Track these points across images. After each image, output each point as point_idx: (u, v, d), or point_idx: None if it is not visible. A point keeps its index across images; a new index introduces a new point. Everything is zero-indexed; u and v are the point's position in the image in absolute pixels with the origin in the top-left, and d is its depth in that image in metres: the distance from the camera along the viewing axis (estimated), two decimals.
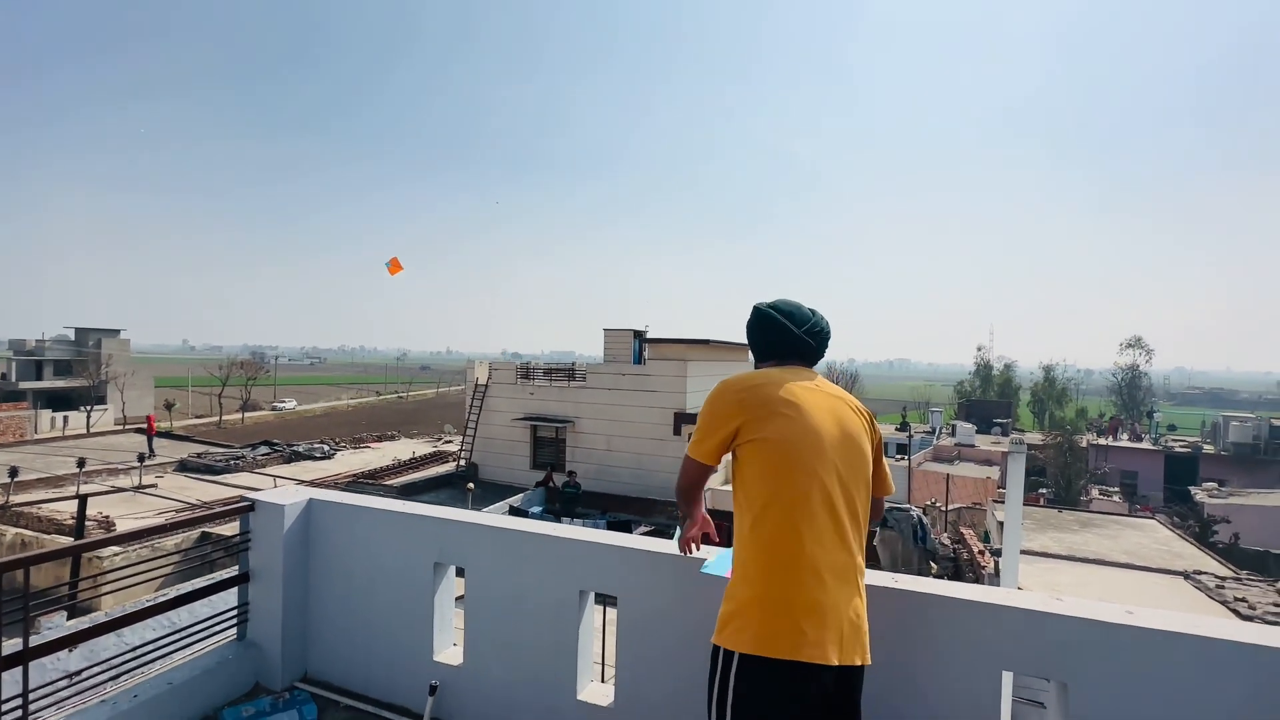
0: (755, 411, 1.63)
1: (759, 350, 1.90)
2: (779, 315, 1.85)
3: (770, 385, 1.67)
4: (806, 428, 1.60)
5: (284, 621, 2.86)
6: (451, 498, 16.91)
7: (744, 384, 1.70)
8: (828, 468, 1.58)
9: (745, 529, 1.60)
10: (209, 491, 16.56)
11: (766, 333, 1.85)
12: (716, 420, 1.69)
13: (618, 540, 2.43)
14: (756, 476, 1.59)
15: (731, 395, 1.68)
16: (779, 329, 1.83)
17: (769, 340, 1.85)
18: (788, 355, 1.83)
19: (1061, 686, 1.75)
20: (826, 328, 1.86)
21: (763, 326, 1.86)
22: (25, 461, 18.95)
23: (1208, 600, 9.52)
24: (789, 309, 1.87)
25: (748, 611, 1.51)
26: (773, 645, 1.45)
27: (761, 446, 1.59)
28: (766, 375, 1.72)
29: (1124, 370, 54.31)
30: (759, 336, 1.88)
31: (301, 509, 2.94)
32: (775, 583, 1.50)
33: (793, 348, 1.82)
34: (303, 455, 23.03)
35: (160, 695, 2.53)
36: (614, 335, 19.35)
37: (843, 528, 1.56)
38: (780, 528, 1.53)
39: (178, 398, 50.14)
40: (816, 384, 1.74)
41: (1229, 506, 22.63)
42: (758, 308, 1.90)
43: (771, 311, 1.86)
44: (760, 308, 1.89)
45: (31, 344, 44.81)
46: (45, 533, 12.65)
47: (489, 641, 2.59)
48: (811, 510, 1.54)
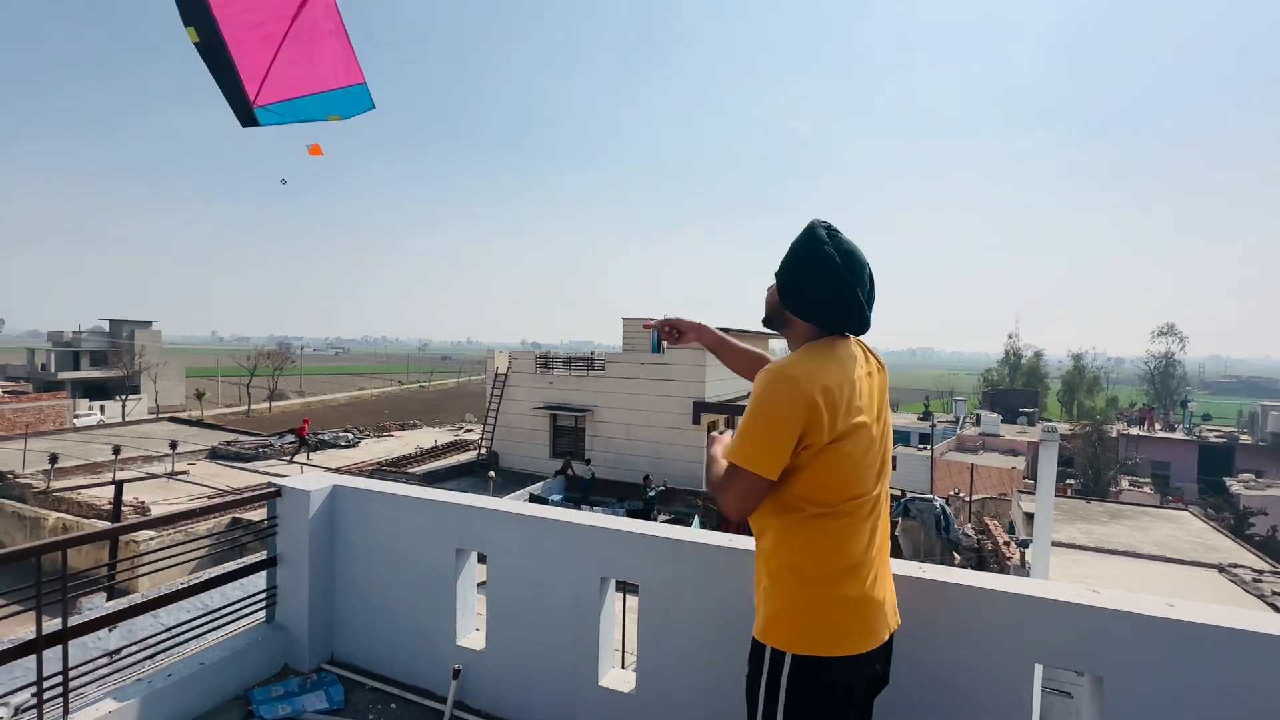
0: (832, 417, 1.34)
1: (808, 308, 1.44)
2: (842, 266, 1.39)
3: (846, 382, 1.37)
4: (874, 434, 1.42)
5: (311, 604, 2.91)
6: (473, 485, 17.13)
7: (819, 378, 1.35)
8: (885, 470, 1.47)
9: (793, 525, 1.41)
10: (239, 478, 17.00)
11: (824, 286, 1.40)
12: (786, 423, 1.33)
13: (638, 528, 2.42)
14: (818, 484, 1.37)
15: (806, 393, 1.33)
16: (843, 289, 1.39)
17: (825, 298, 1.41)
18: (844, 323, 1.45)
19: (1096, 680, 1.70)
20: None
21: (822, 276, 1.40)
22: (65, 449, 19.61)
23: (1243, 594, 9.26)
24: (858, 258, 1.41)
25: (805, 612, 1.40)
26: (833, 644, 1.38)
27: (834, 458, 1.36)
28: (838, 364, 1.39)
29: (1157, 359, 52.88)
30: (814, 290, 1.42)
31: (327, 495, 2.98)
32: (836, 585, 1.39)
33: (855, 316, 1.42)
34: (328, 444, 23.50)
35: (193, 675, 2.59)
36: (633, 324, 19.33)
37: (886, 519, 1.51)
38: (841, 535, 1.39)
39: (207, 387, 51.41)
40: (868, 366, 1.48)
41: (1267, 498, 21.97)
42: (817, 241, 1.41)
43: (834, 256, 1.39)
44: (822, 245, 1.40)
45: (69, 335, 46.26)
46: (85, 517, 13.12)
47: (511, 627, 2.60)
48: (875, 513, 1.44)
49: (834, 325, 1.45)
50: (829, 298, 1.41)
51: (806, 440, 1.34)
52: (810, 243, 1.43)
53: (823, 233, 1.43)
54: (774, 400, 1.35)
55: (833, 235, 1.43)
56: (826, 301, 1.42)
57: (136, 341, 46.03)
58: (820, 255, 1.40)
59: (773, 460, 1.35)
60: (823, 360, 1.39)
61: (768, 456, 1.35)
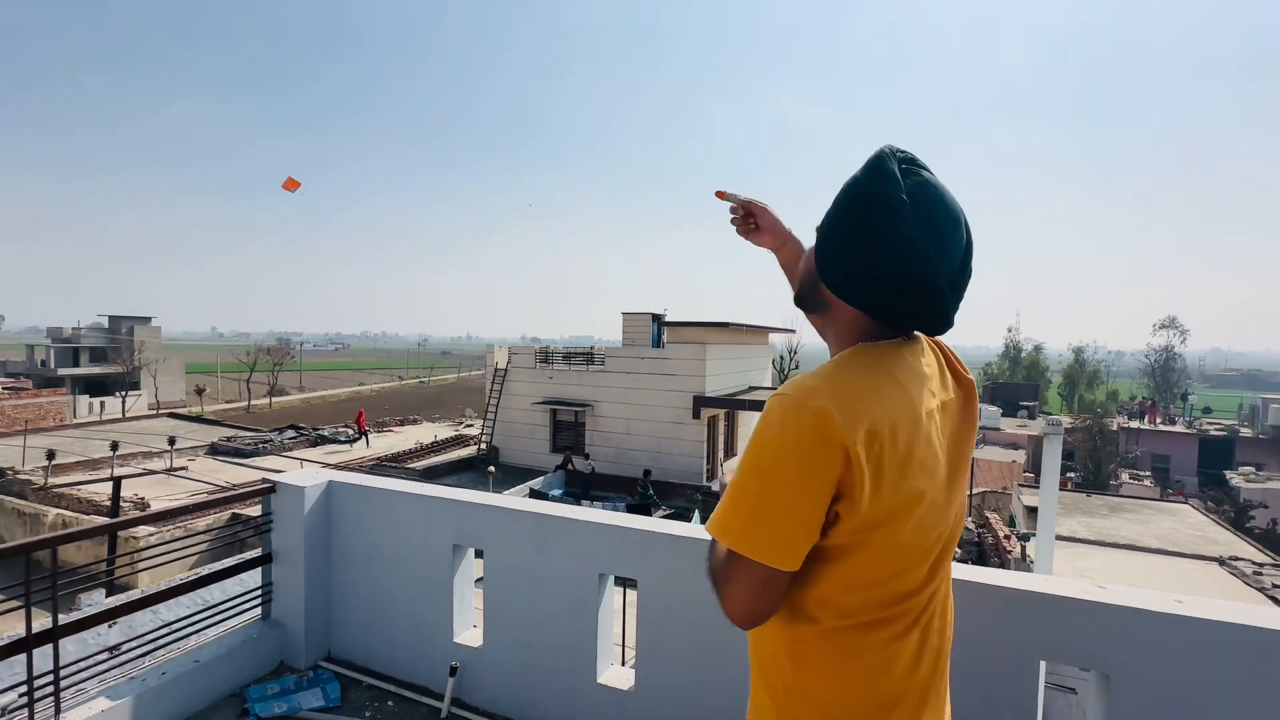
0: (877, 479, 0.83)
1: (858, 287, 0.92)
2: (918, 223, 0.86)
3: (906, 421, 0.87)
4: (939, 503, 0.93)
5: (307, 601, 2.89)
6: (473, 480, 17.14)
7: (863, 412, 0.83)
8: (947, 554, 0.98)
9: (804, 642, 0.93)
10: (238, 474, 17.00)
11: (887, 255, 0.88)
12: (806, 485, 0.83)
13: (637, 523, 2.39)
14: (846, 584, 0.90)
15: (839, 439, 0.81)
16: (915, 262, 0.87)
17: (886, 275, 0.89)
18: (912, 317, 0.93)
19: (1103, 677, 1.67)
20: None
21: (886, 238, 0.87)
22: (64, 445, 19.62)
23: (1244, 587, 9.27)
24: (947, 210, 0.89)
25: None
26: None
27: (875, 546, 0.87)
28: (897, 388, 0.89)
29: (1157, 352, 52.86)
30: (871, 260, 0.89)
31: (322, 491, 2.95)
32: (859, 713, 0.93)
33: (931, 307, 0.90)
34: (328, 439, 23.52)
35: (188, 672, 2.57)
36: (632, 319, 19.29)
37: (944, 623, 1.01)
38: (876, 657, 0.92)
39: (207, 383, 51.44)
40: (943, 389, 0.98)
41: (1267, 491, 21.99)
42: (884, 181, 0.88)
43: (908, 207, 0.86)
44: (890, 188, 0.87)
45: (68, 332, 46.23)
46: (84, 513, 13.12)
47: (509, 624, 2.58)
48: (925, 618, 0.95)
49: (897, 319, 0.93)
50: (893, 275, 0.88)
51: (835, 512, 0.85)
52: (872, 182, 0.89)
53: (893, 167, 0.89)
54: (789, 445, 0.83)
55: (910, 174, 0.89)
56: (888, 280, 0.89)
57: (136, 337, 45.99)
58: (886, 205, 0.87)
59: (787, 543, 0.84)
60: (873, 380, 0.88)
61: (779, 537, 0.83)
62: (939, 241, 0.87)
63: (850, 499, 0.83)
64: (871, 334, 0.96)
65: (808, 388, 0.86)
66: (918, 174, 0.90)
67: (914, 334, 0.99)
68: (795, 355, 45.27)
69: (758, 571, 0.85)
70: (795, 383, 0.88)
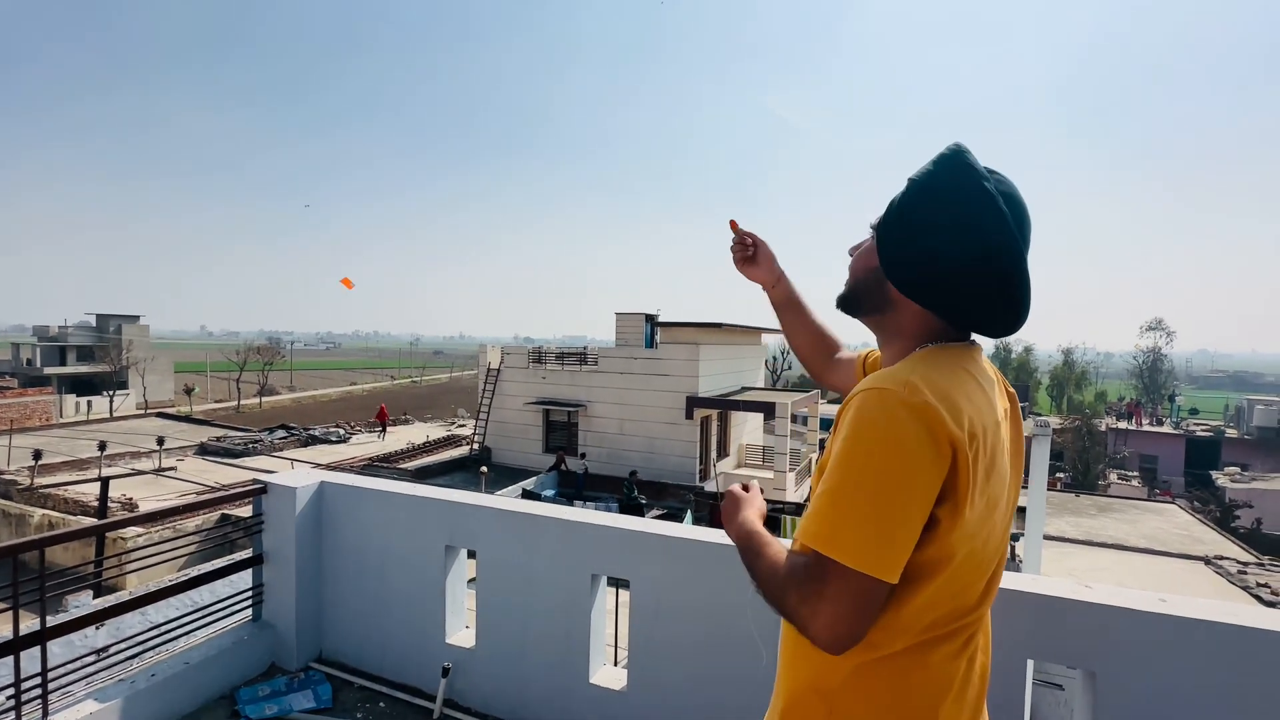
0: (971, 478, 0.80)
1: (940, 284, 0.88)
2: (1012, 222, 0.84)
3: (992, 423, 0.85)
4: (1005, 509, 0.90)
5: (298, 602, 2.87)
6: (465, 481, 17.08)
7: (963, 407, 0.80)
8: (999, 572, 0.94)
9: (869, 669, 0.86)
10: (228, 474, 16.87)
11: (978, 251, 0.84)
12: (919, 488, 0.78)
13: (629, 524, 2.40)
14: (934, 599, 0.84)
15: (948, 433, 0.78)
16: (1008, 261, 0.85)
17: (975, 272, 0.85)
18: (992, 318, 0.89)
19: (1089, 675, 1.69)
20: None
21: (977, 233, 0.84)
22: (50, 445, 19.39)
23: (1229, 585, 9.39)
24: (1027, 213, 0.87)
25: None
26: None
27: (965, 558, 0.84)
28: (979, 389, 0.86)
29: (1145, 353, 53.39)
30: (958, 255, 0.85)
31: (313, 491, 2.93)
32: None
33: (1014, 309, 0.88)
34: (319, 439, 23.37)
35: (178, 674, 2.55)
36: (625, 319, 19.30)
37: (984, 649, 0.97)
38: (935, 681, 0.86)
39: (196, 383, 50.98)
40: (1005, 400, 0.95)
41: (1252, 491, 22.27)
42: (973, 175, 0.85)
43: (1000, 202, 0.84)
44: (981, 181, 0.85)
45: (55, 330, 45.68)
46: (71, 514, 12.98)
47: (501, 624, 2.58)
48: (974, 641, 0.92)
49: (973, 318, 0.89)
50: (986, 268, 0.84)
51: (936, 518, 0.80)
52: (958, 175, 0.85)
53: (978, 164, 0.86)
54: (896, 443, 0.77)
55: (992, 173, 0.87)
56: (978, 275, 0.84)
57: (124, 336, 45.48)
58: (981, 197, 0.83)
59: (896, 552, 0.78)
60: (959, 378, 0.84)
61: (889, 546, 0.77)
62: (1025, 239, 0.86)
63: (953, 503, 0.79)
64: (937, 335, 0.91)
65: (906, 381, 0.80)
66: (997, 173, 0.89)
67: (972, 341, 0.95)
68: (788, 356, 45.39)
69: (860, 584, 0.76)
70: (889, 375, 0.82)
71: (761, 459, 20.15)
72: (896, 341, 0.95)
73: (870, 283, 0.96)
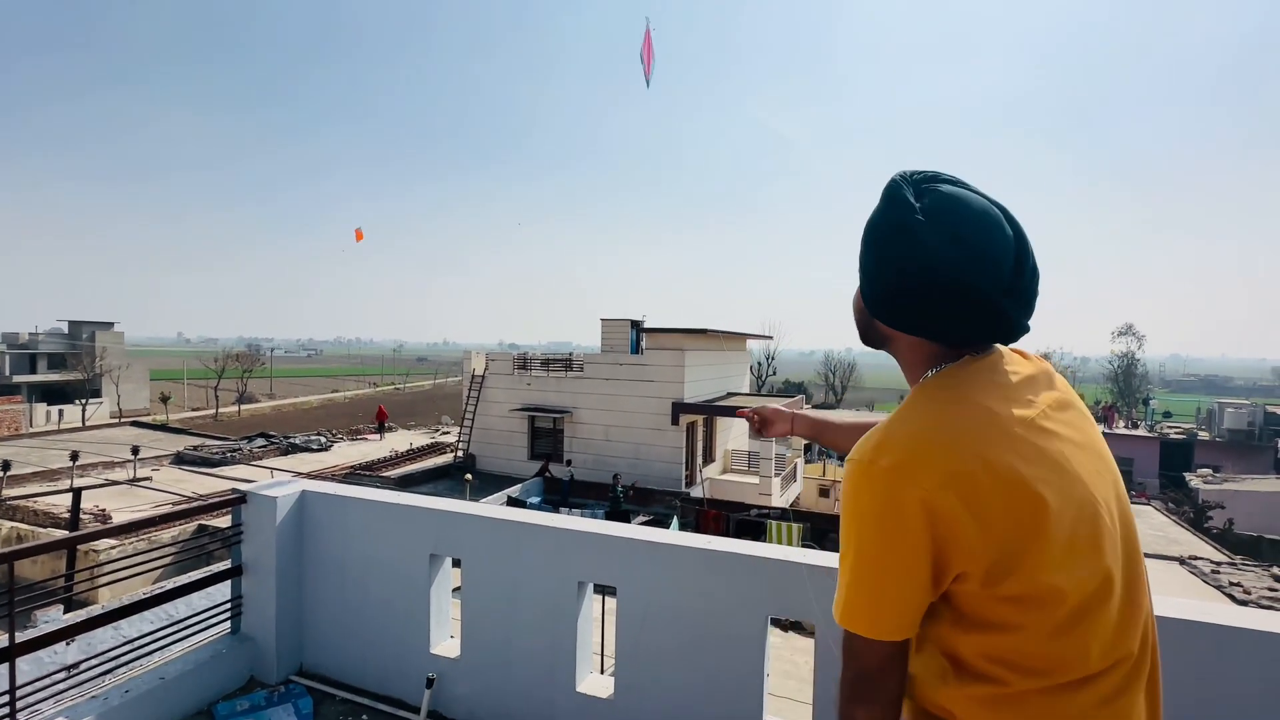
0: (984, 526, 0.77)
1: (905, 315, 0.91)
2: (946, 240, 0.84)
3: (1006, 454, 0.79)
4: (1093, 501, 0.83)
5: (278, 614, 2.82)
6: (450, 489, 16.91)
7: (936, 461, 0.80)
8: (1136, 612, 0.86)
9: (995, 706, 0.81)
10: (205, 484, 16.53)
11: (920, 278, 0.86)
12: (897, 553, 0.80)
13: (617, 531, 2.40)
14: (1015, 644, 0.80)
15: (915, 498, 0.79)
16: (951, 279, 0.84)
17: (926, 298, 0.87)
18: (974, 330, 0.89)
19: None
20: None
21: (914, 261, 0.86)
22: (20, 455, 18.86)
23: (1203, 585, 9.58)
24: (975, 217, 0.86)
25: None
26: None
27: (1043, 604, 0.78)
28: (973, 420, 0.83)
29: (1119, 358, 54.53)
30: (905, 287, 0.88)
31: (294, 501, 2.89)
32: None
33: (986, 317, 0.87)
34: (299, 447, 22.99)
35: (153, 689, 2.49)
36: (611, 325, 19.30)
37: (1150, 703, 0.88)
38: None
39: (173, 390, 49.97)
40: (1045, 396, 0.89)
41: (1224, 492, 22.77)
42: (900, 209, 0.88)
43: (924, 226, 0.85)
44: (906, 214, 0.87)
45: (25, 337, 44.52)
46: (41, 526, 12.63)
47: (486, 634, 2.55)
48: (1147, 670, 0.86)
49: (956, 336, 0.90)
50: (930, 294, 0.86)
51: (957, 569, 0.79)
52: (885, 213, 0.90)
53: (904, 193, 0.88)
54: (869, 514, 0.82)
55: (926, 193, 0.88)
56: (929, 301, 0.87)
57: (98, 343, 44.48)
58: (900, 231, 0.87)
59: (888, 612, 0.81)
60: (947, 417, 0.84)
61: (878, 606, 0.82)
62: (970, 249, 0.85)
63: (961, 549, 0.78)
64: (939, 357, 0.93)
65: (874, 445, 0.85)
66: (935, 190, 0.89)
67: (989, 347, 0.93)
68: (773, 361, 45.64)
69: (865, 648, 0.84)
70: (863, 443, 0.87)
71: (747, 464, 20.22)
72: (909, 370, 0.99)
73: (864, 323, 1.04)
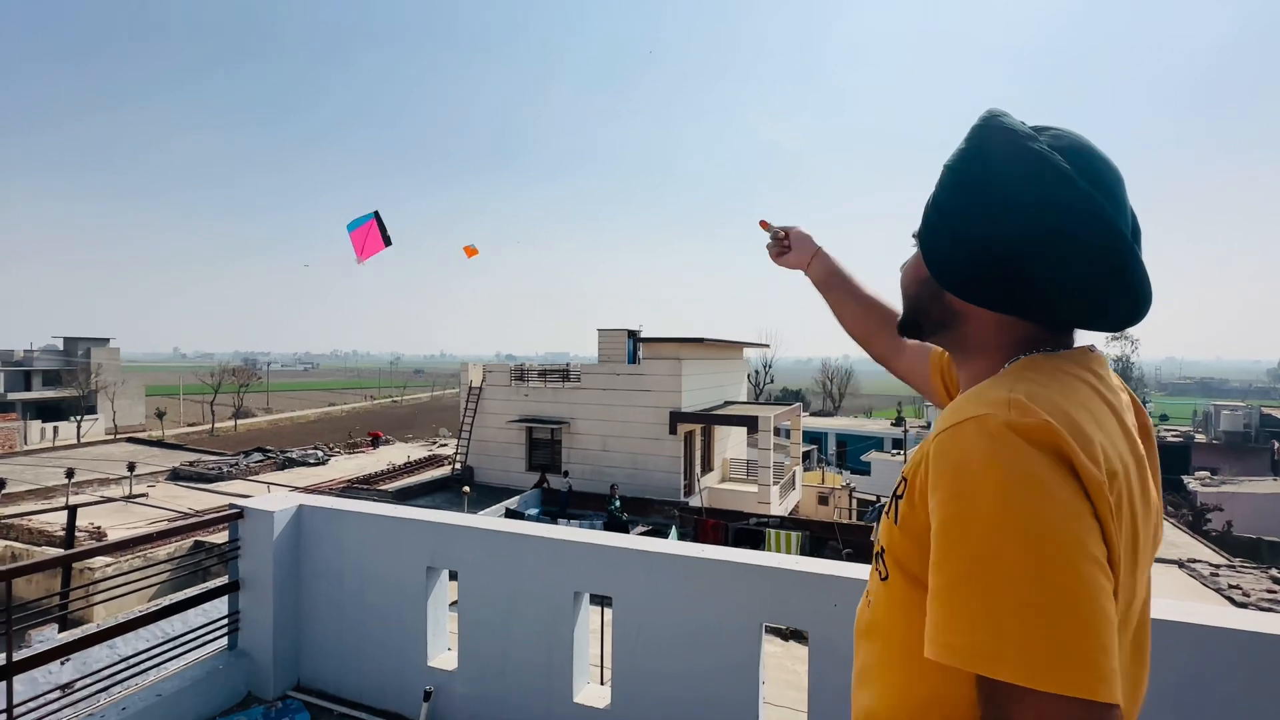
0: (1116, 536, 0.57)
1: (1016, 281, 0.66)
2: (1090, 185, 0.63)
3: (1128, 455, 0.63)
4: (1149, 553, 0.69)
5: (275, 629, 2.81)
6: (448, 501, 16.84)
7: (1092, 432, 0.59)
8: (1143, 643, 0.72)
9: None
10: (202, 500, 16.44)
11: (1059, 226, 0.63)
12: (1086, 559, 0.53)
13: (612, 541, 2.40)
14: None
15: (1091, 473, 0.56)
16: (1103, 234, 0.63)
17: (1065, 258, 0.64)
18: (1104, 311, 0.68)
19: None
20: None
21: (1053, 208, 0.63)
22: (14, 473, 18.74)
23: (1202, 588, 9.58)
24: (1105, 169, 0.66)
25: None
26: None
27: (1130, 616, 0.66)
28: (1099, 400, 0.65)
29: (1115, 361, 54.80)
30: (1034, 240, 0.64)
31: (291, 515, 2.89)
32: None
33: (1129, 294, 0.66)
34: (296, 462, 22.90)
35: (149, 707, 2.48)
36: (608, 335, 19.32)
37: None
38: None
39: (169, 406, 49.76)
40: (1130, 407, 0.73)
41: (1221, 495, 22.81)
42: (1018, 138, 0.66)
43: (1062, 162, 0.63)
44: (1028, 145, 0.65)
45: (20, 355, 44.34)
46: (36, 544, 12.53)
47: (483, 645, 2.55)
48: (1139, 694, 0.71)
49: (1070, 314, 0.69)
50: (1061, 247, 0.64)
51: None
52: (998, 143, 0.68)
53: (1017, 124, 0.68)
54: (1036, 487, 0.54)
55: (1042, 130, 0.68)
56: (1055, 256, 0.64)
57: (93, 359, 44.31)
58: (1027, 163, 0.65)
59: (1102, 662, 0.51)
60: (1079, 394, 0.64)
61: (1085, 657, 0.51)
62: (1113, 198, 0.64)
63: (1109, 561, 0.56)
64: (1027, 344, 0.70)
65: (1009, 400, 0.59)
66: (1050, 129, 0.68)
67: (1087, 346, 0.72)
68: (770, 369, 45.68)
69: (1068, 712, 0.50)
70: (979, 397, 0.62)
71: (745, 473, 20.19)
72: (976, 359, 0.75)
73: (925, 297, 0.78)
